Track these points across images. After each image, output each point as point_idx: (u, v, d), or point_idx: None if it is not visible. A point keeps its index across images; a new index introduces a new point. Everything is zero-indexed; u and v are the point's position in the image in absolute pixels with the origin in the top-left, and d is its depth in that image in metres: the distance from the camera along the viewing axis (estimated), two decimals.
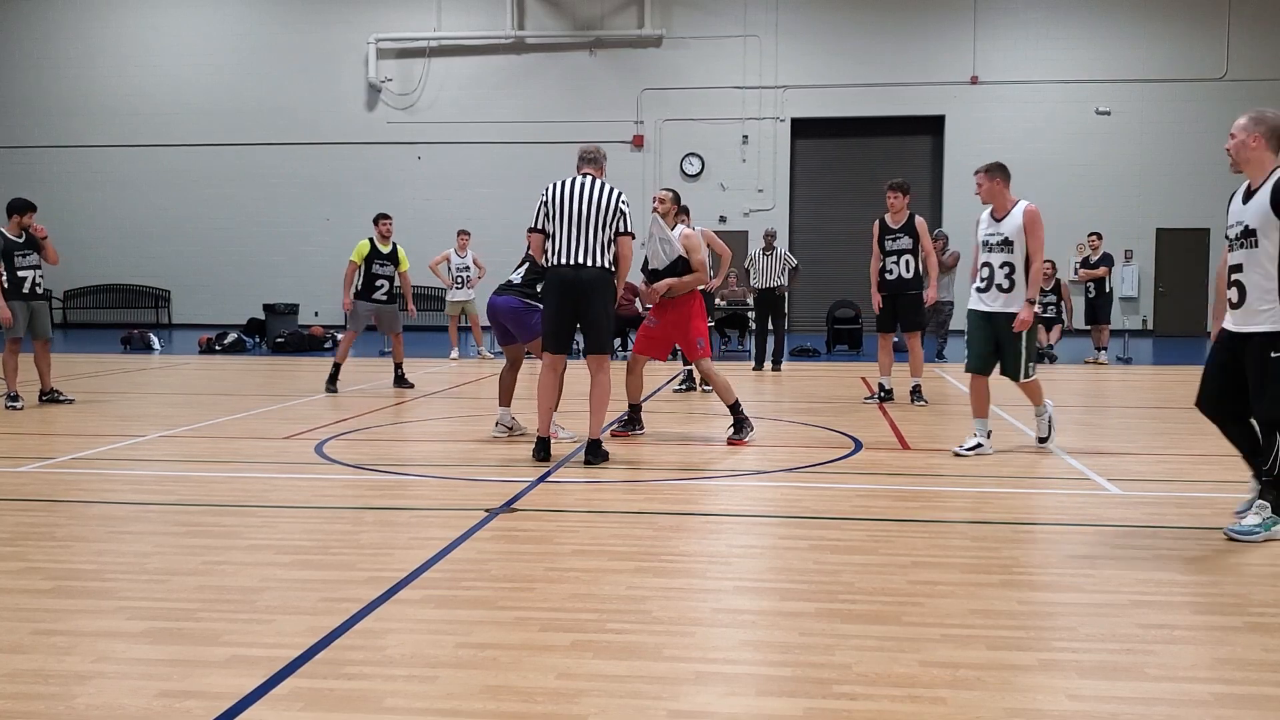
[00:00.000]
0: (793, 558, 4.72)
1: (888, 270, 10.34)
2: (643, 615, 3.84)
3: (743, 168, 24.39)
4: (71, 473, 6.65)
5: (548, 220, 6.97)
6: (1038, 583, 4.33)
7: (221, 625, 3.72)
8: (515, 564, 4.59)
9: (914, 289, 10.38)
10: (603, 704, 3.04)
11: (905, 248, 10.29)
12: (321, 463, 7.08)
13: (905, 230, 10.30)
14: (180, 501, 5.84)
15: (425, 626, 3.73)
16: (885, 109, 23.97)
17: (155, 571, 4.51)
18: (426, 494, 6.09)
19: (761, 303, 14.78)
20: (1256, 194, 4.95)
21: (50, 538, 4.99)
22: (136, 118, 25.62)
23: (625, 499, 6.01)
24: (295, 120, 25.28)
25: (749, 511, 5.82)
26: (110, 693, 3.14)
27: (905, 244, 10.29)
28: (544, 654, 3.43)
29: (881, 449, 7.69)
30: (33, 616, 3.83)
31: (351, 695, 3.10)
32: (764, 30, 24.09)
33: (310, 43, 25.30)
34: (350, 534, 5.17)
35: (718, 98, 24.30)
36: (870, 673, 3.28)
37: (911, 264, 10.30)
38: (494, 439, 8.02)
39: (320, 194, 25.32)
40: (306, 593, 4.12)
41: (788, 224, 24.25)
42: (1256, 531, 4.94)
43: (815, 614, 3.85)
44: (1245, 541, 4.90)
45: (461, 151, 24.86)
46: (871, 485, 6.33)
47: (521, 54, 24.93)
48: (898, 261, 10.31)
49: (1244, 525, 5.00)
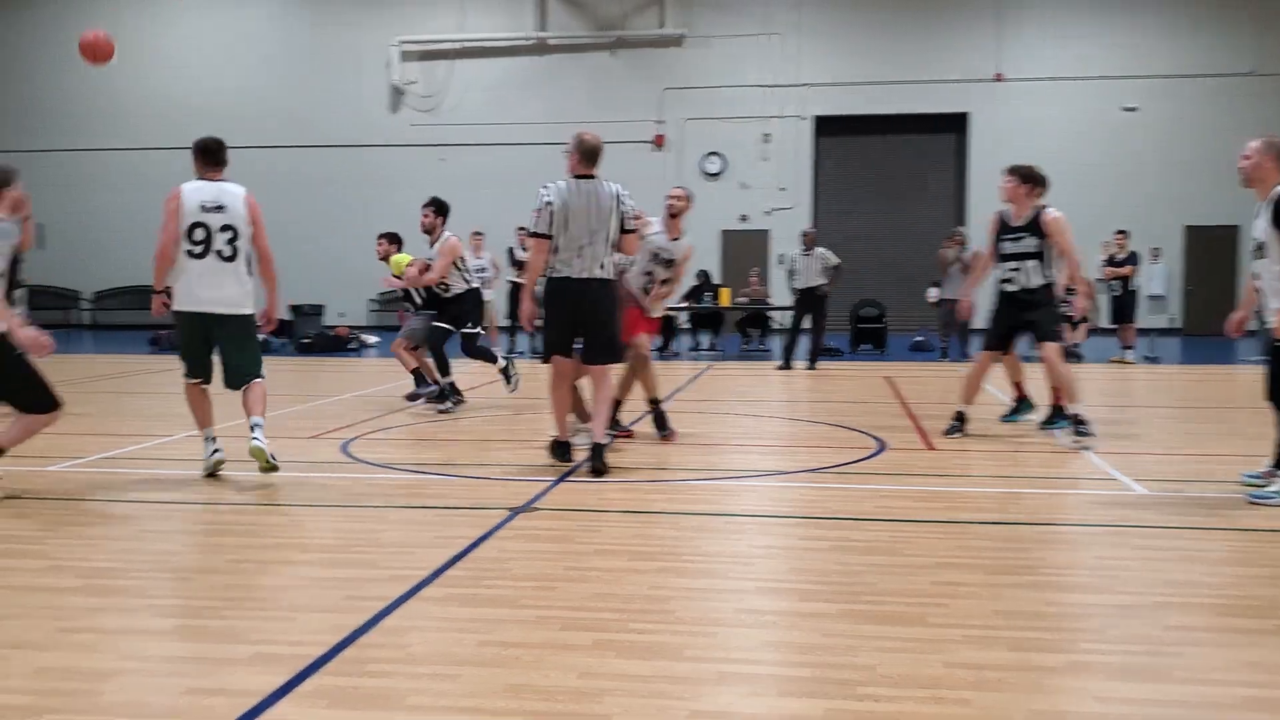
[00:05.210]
0: (815, 558, 4.71)
1: (1006, 279, 8.05)
2: (665, 615, 3.83)
3: (764, 166, 24.34)
4: (99, 472, 6.70)
5: (555, 227, 6.52)
6: (1064, 584, 4.30)
7: (246, 623, 3.74)
8: (537, 563, 4.59)
9: (1047, 298, 8.05)
10: (625, 704, 3.04)
11: (1030, 250, 7.94)
12: (347, 462, 7.11)
13: (1029, 229, 7.96)
14: (206, 500, 5.88)
15: (448, 625, 3.74)
16: (908, 106, 23.86)
17: (181, 569, 4.55)
18: (449, 493, 6.10)
19: (801, 303, 14.79)
20: (1262, 211, 5.62)
21: (78, 536, 5.03)
22: (160, 120, 25.75)
23: (647, 499, 6.01)
24: (319, 123, 25.39)
25: (771, 512, 5.80)
26: (136, 689, 3.16)
27: (1030, 245, 7.93)
28: (566, 653, 3.43)
29: (905, 449, 7.66)
30: (60, 614, 3.86)
31: (375, 693, 3.11)
32: (786, 28, 24.03)
33: (334, 46, 25.41)
34: (374, 532, 5.20)
35: (739, 97, 24.26)
36: (893, 674, 3.26)
37: (1039, 271, 7.96)
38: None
39: (343, 196, 25.42)
40: (330, 591, 4.14)
41: (810, 223, 24.17)
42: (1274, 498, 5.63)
43: (838, 615, 3.84)
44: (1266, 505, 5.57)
45: (484, 153, 24.90)
46: (895, 486, 6.30)
47: (543, 55, 24.96)
48: (1019, 268, 7.96)
49: (1265, 491, 5.67)
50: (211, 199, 6.31)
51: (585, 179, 6.62)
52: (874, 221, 24.48)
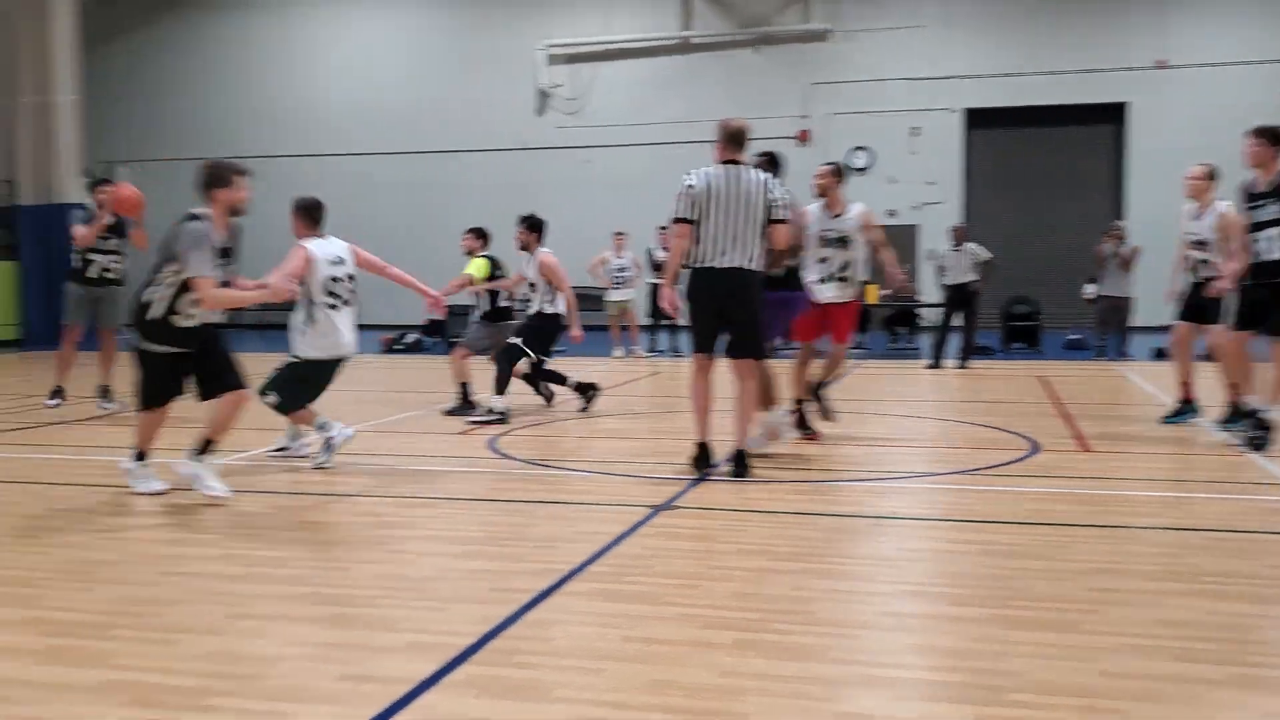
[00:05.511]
0: (963, 562, 4.61)
1: (1260, 249, 7.33)
2: (807, 616, 3.81)
3: (912, 160, 23.84)
4: (263, 465, 7.02)
5: (698, 214, 6.29)
6: (1229, 593, 4.09)
7: (400, 612, 3.87)
8: (678, 561, 4.62)
9: None
10: (767, 704, 3.03)
11: (1275, 216, 7.25)
12: (494, 457, 7.28)
13: (1276, 194, 7.27)
14: (363, 493, 6.10)
15: (592, 619, 3.79)
16: (1063, 97, 22.99)
17: (339, 559, 4.74)
18: (592, 489, 6.19)
19: (952, 299, 14.50)
20: None
21: (244, 526, 5.28)
22: (313, 127, 26.74)
23: (789, 500, 5.97)
24: (468, 128, 25.95)
25: (918, 514, 5.69)
26: (297, 674, 3.30)
27: (1275, 211, 7.25)
28: (708, 651, 3.44)
29: (1059, 451, 7.41)
30: (226, 600, 4.06)
31: (521, 684, 3.18)
32: (933, 20, 23.49)
33: (483, 51, 25.96)
34: (520, 527, 5.32)
35: (886, 90, 23.82)
36: (1045, 681, 3.17)
37: None
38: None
39: (490, 200, 25.94)
40: (479, 582, 4.25)
41: (961, 218, 23.59)
42: None
43: (986, 620, 3.74)
44: None
45: (627, 154, 25.08)
46: (1048, 488, 6.10)
47: (687, 54, 25.01)
48: (1274, 237, 7.25)
49: None
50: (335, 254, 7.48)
51: (731, 164, 6.39)
52: (1026, 216, 23.72)
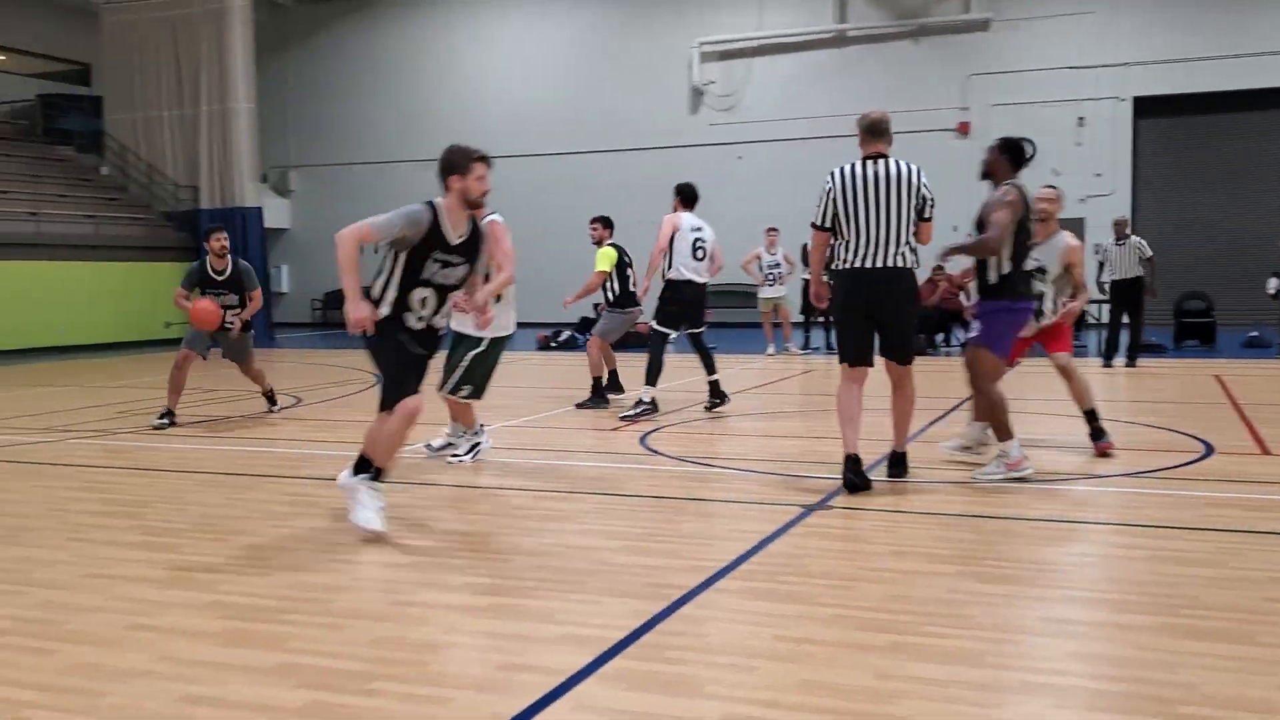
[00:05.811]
0: (1130, 568, 4.44)
1: None
2: (964, 620, 3.73)
3: (1078, 151, 22.93)
4: (423, 459, 7.26)
5: (839, 215, 5.99)
6: None
7: (556, 604, 3.96)
8: (831, 561, 4.59)
9: None
10: (921, 707, 2.99)
11: None
12: (646, 454, 7.35)
13: None
14: (519, 487, 6.25)
15: (744, 617, 3.81)
16: (1239, 82, 21.69)
17: (499, 550, 4.87)
18: (744, 488, 6.19)
19: (1117, 295, 13.95)
20: None
21: (406, 517, 5.48)
22: (472, 129, 27.42)
23: (945, 501, 5.86)
24: (623, 127, 26.21)
25: (1082, 518, 5.50)
26: (458, 661, 3.42)
27: None
28: (861, 653, 3.41)
29: (1236, 454, 7.05)
30: (392, 588, 4.24)
31: (673, 679, 3.22)
32: (1099, 5, 22.53)
33: (637, 50, 26.18)
34: (673, 523, 5.37)
35: (1050, 79, 22.99)
36: (1219, 694, 3.03)
37: None
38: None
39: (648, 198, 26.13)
40: (632, 577, 4.31)
41: (1129, 211, 22.61)
42: None
43: (1154, 628, 3.60)
44: None
45: (779, 149, 24.90)
46: (1222, 493, 5.82)
47: (842, 47, 24.68)
48: None
49: None
50: None
51: (874, 159, 6.04)
52: (1200, 208, 22.58)
